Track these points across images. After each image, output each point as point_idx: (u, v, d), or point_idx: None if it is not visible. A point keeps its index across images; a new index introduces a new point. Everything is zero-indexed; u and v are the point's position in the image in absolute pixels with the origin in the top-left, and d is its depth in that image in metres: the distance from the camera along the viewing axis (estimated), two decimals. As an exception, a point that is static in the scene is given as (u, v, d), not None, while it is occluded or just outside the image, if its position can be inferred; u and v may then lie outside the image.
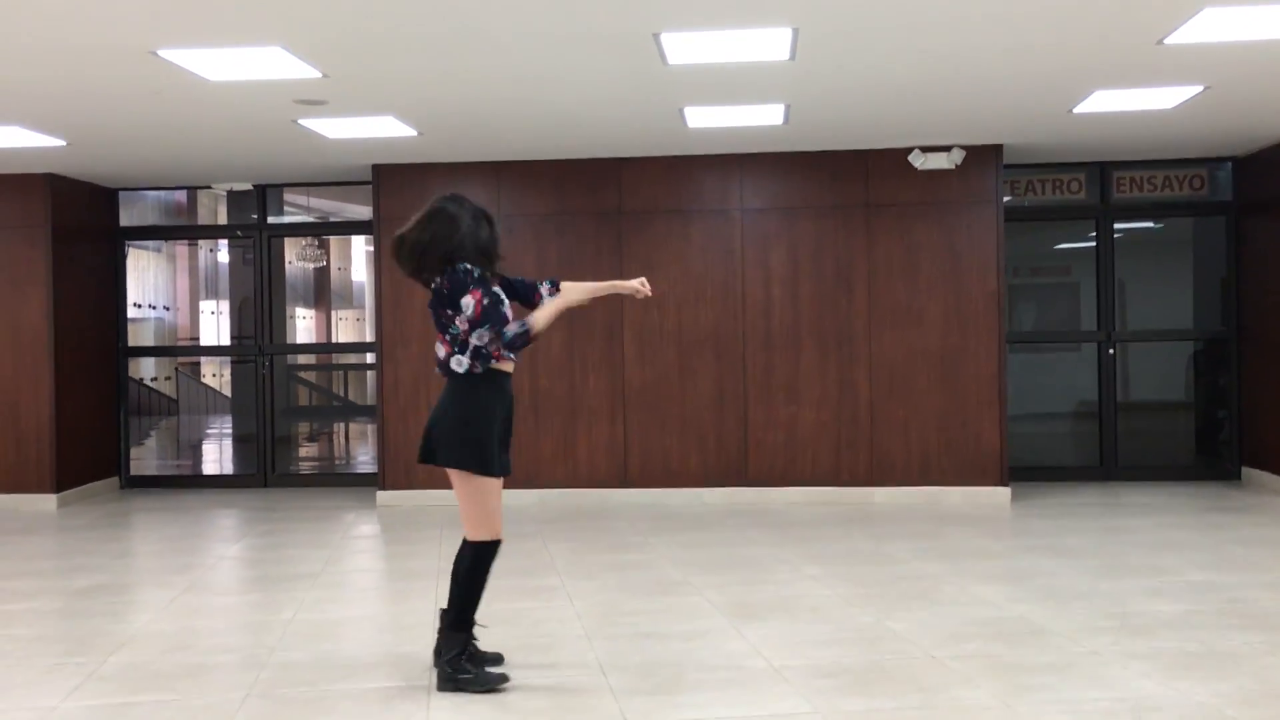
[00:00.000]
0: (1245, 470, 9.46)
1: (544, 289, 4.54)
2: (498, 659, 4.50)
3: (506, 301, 4.37)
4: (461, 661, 4.26)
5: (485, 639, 4.51)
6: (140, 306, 18.18)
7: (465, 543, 4.29)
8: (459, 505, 4.29)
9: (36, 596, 6.01)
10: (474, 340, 4.24)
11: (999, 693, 4.10)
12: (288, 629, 5.21)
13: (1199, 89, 6.95)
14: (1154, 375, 10.31)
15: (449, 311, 4.28)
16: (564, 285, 4.53)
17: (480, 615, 4.38)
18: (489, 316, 4.21)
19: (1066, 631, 4.94)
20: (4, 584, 6.33)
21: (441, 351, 4.32)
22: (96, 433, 9.88)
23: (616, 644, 4.83)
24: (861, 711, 3.92)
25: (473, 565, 4.26)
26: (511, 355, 4.31)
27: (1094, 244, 9.91)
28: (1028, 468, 9.54)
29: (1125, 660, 4.48)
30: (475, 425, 4.21)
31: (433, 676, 4.40)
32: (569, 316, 4.80)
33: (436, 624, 4.40)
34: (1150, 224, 10.33)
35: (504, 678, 4.29)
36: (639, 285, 4.56)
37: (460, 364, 4.26)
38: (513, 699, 4.15)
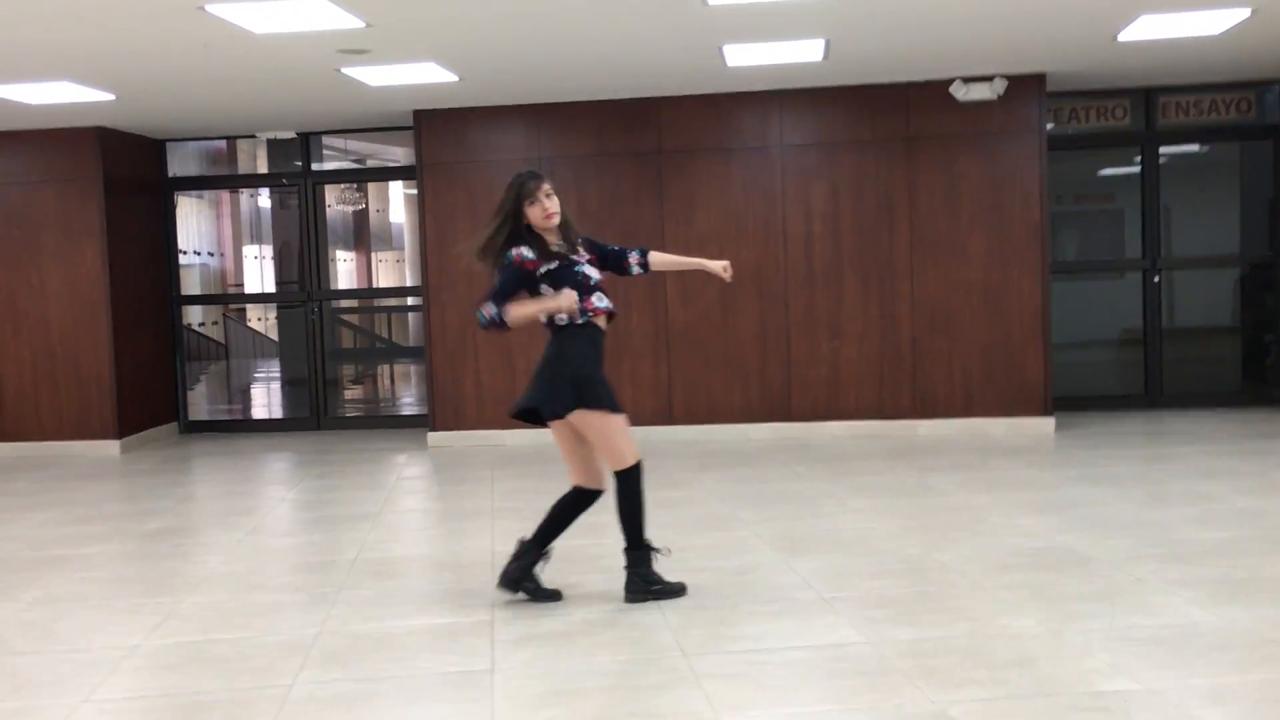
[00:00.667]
0: (1292, 396, 9.44)
1: (632, 258, 4.85)
2: (556, 595, 4.73)
3: (589, 274, 4.61)
4: (651, 573, 4.68)
5: (547, 575, 4.71)
6: (186, 253, 18.44)
7: (615, 476, 4.61)
8: (596, 449, 4.62)
9: (109, 540, 6.25)
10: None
11: (1046, 620, 4.22)
12: (353, 568, 5.40)
13: (1246, 13, 6.85)
14: (1199, 301, 10.25)
15: None
16: (652, 258, 4.89)
17: (555, 549, 4.76)
18: (489, 293, 4.59)
19: (1112, 560, 5.03)
20: (77, 528, 6.58)
21: None
22: (154, 380, 10.13)
23: (669, 578, 4.97)
24: (910, 640, 4.05)
25: (625, 493, 4.62)
26: (600, 307, 4.62)
27: (1139, 170, 9.83)
28: (1071, 397, 9.56)
29: (1171, 587, 4.57)
30: (575, 368, 4.52)
31: (495, 612, 4.58)
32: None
33: (513, 551, 4.76)
34: (1195, 148, 10.20)
35: (683, 586, 4.70)
36: (724, 268, 4.90)
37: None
38: (575, 631, 4.32)
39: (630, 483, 4.61)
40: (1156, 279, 9.71)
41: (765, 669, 3.85)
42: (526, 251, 4.55)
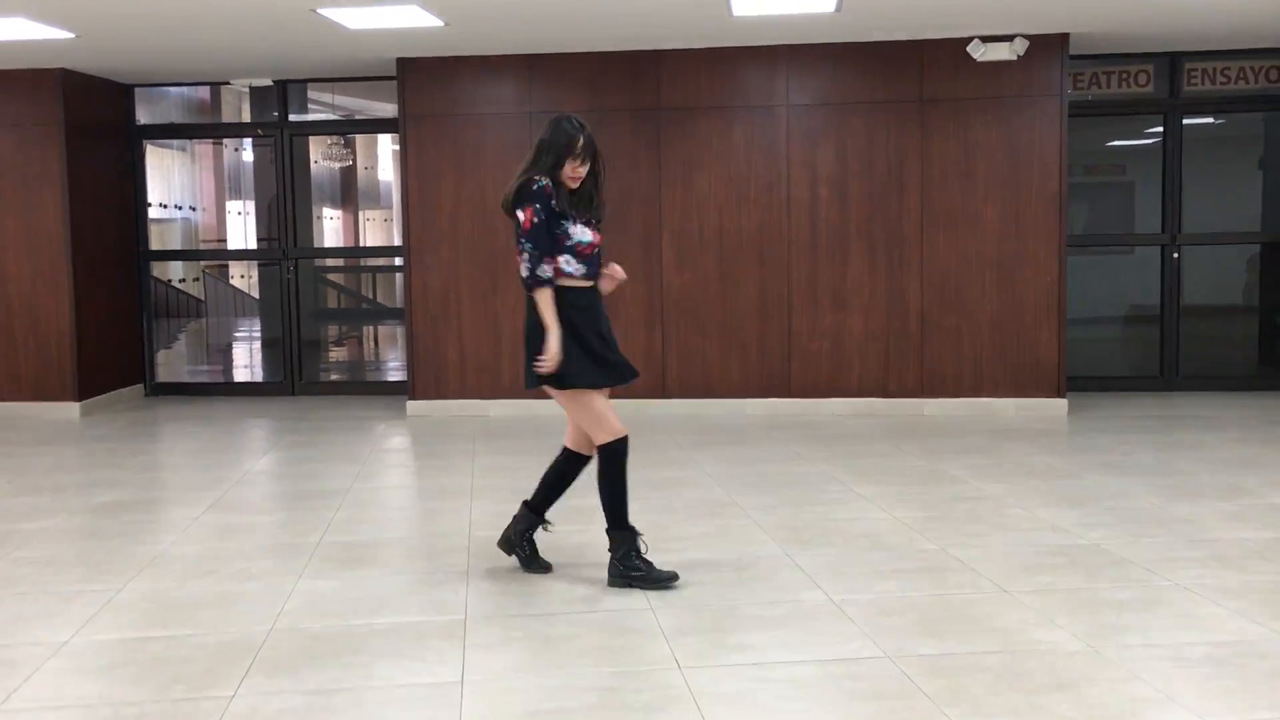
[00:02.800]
0: (1315, 381, 9.01)
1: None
2: (547, 568, 4.57)
3: (570, 232, 4.26)
4: (632, 558, 4.32)
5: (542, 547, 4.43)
6: (166, 207, 17.83)
7: (597, 450, 4.32)
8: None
9: (54, 514, 5.77)
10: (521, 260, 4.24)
11: (1083, 634, 3.77)
12: (315, 553, 4.94)
13: (1294, -31, 6.36)
14: (1208, 279, 9.75)
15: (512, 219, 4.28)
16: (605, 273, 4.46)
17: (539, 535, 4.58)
18: (535, 237, 4.18)
19: (1147, 561, 4.59)
20: (22, 500, 6.10)
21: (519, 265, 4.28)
22: (119, 338, 9.61)
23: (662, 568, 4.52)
24: (934, 656, 3.60)
25: (607, 468, 4.31)
26: (577, 272, 4.29)
27: (1152, 141, 9.34)
28: (1079, 377, 9.09)
29: (1217, 596, 4.13)
30: (541, 339, 4.22)
31: (468, 609, 4.13)
32: (608, 220, 4.49)
33: (516, 512, 4.62)
34: (1209, 120, 9.70)
35: (674, 576, 4.32)
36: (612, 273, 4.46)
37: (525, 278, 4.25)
38: (557, 635, 3.86)
39: (608, 459, 4.32)
40: (1176, 255, 9.24)
41: (770, 686, 3.39)
42: (550, 184, 4.23)
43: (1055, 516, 5.35)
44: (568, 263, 4.24)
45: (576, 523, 5.10)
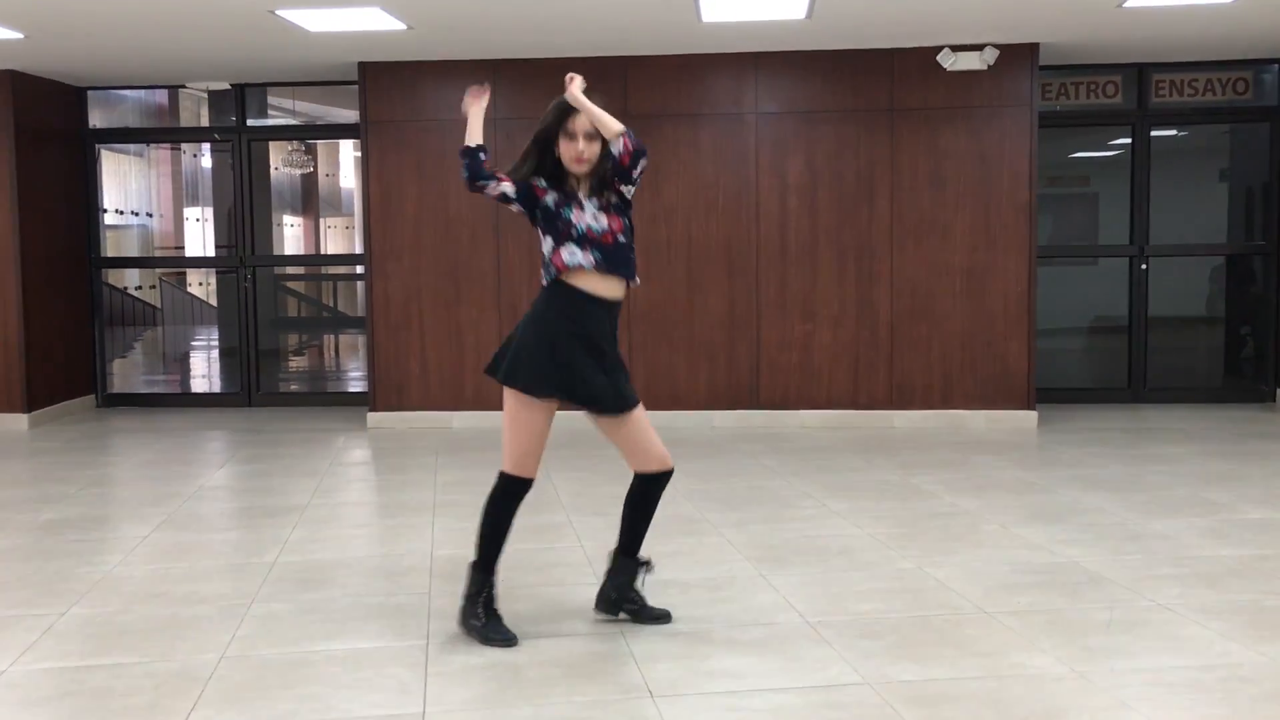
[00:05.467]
0: (1281, 393, 9.01)
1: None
2: (664, 616, 4.03)
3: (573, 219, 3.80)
4: (475, 605, 3.84)
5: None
6: (122, 213, 17.48)
7: (498, 474, 3.87)
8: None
9: (-2, 532, 5.54)
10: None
11: (1067, 658, 3.65)
12: (270, 574, 4.74)
13: (1266, -20, 6.33)
14: (1172, 290, 9.71)
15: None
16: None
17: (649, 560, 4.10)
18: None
19: (1126, 580, 4.49)
20: (-36, 517, 5.85)
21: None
22: (70, 348, 9.34)
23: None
24: (916, 682, 3.47)
25: (491, 497, 3.86)
26: (569, 264, 3.76)
27: (1116, 152, 9.31)
28: (1046, 389, 9.02)
29: (1201, 617, 4.03)
30: (519, 332, 3.84)
31: (430, 635, 3.95)
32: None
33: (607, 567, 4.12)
34: (1174, 131, 9.69)
35: (512, 639, 3.80)
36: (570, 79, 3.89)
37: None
38: (523, 663, 3.69)
39: (499, 491, 3.83)
40: (1144, 266, 9.21)
41: (748, 717, 3.25)
42: (541, 179, 3.85)
43: (1031, 533, 5.25)
44: (572, 254, 3.75)
45: (542, 540, 4.94)
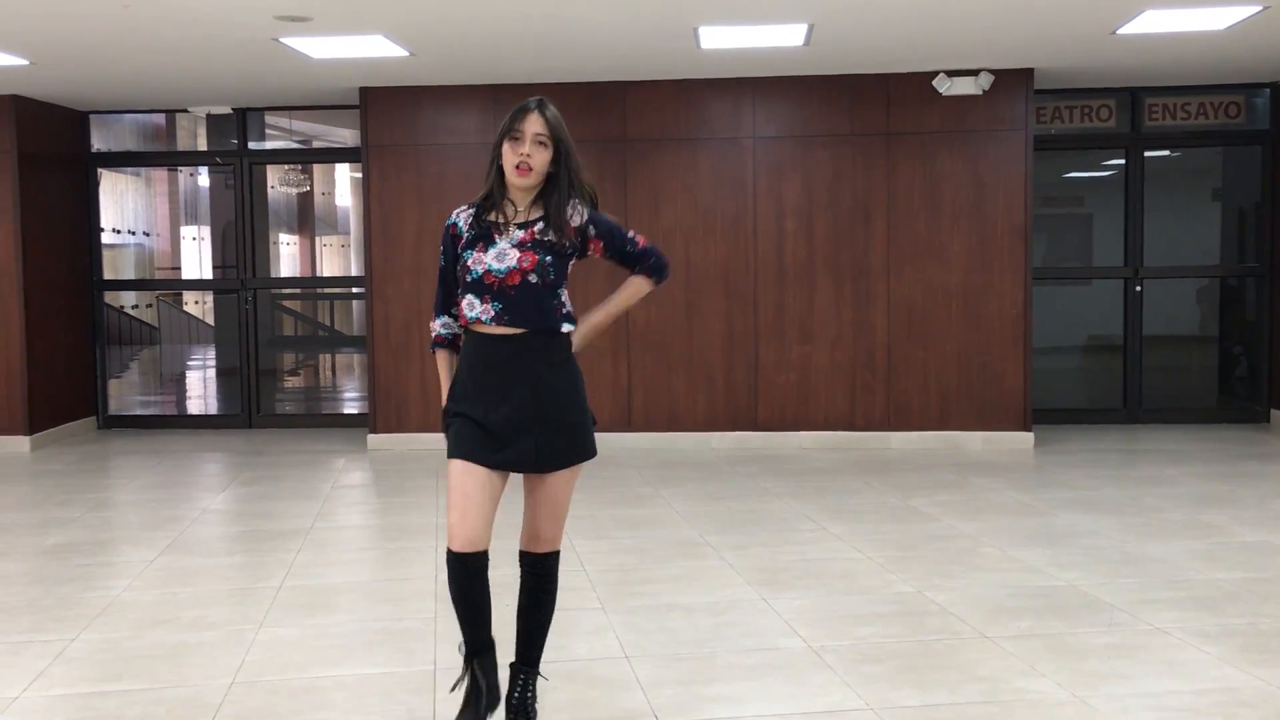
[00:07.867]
0: (1275, 414, 9.07)
1: (638, 272, 3.62)
2: None
3: (470, 262, 3.20)
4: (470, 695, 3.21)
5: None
6: (120, 232, 17.52)
7: None
8: None
9: (2, 556, 5.56)
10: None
11: (1067, 683, 3.70)
12: (275, 598, 4.78)
13: (1256, 9, 6.42)
14: (1162, 311, 9.80)
15: None
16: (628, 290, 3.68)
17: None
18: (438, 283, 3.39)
19: (1124, 604, 4.54)
20: (-31, 541, 5.89)
21: None
22: (71, 370, 9.38)
23: (636, 618, 4.43)
24: (919, 707, 3.52)
25: (448, 576, 3.16)
26: (469, 317, 3.20)
27: (1110, 174, 9.40)
28: (1042, 409, 9.08)
29: (1197, 641, 4.09)
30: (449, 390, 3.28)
31: (437, 660, 4.00)
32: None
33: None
34: (1166, 153, 9.79)
35: None
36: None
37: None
38: (527, 688, 3.73)
39: (449, 567, 3.13)
40: (1139, 288, 9.29)
41: (753, 742, 3.30)
42: (460, 216, 3.30)
43: (1029, 556, 5.30)
44: (471, 307, 3.18)
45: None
